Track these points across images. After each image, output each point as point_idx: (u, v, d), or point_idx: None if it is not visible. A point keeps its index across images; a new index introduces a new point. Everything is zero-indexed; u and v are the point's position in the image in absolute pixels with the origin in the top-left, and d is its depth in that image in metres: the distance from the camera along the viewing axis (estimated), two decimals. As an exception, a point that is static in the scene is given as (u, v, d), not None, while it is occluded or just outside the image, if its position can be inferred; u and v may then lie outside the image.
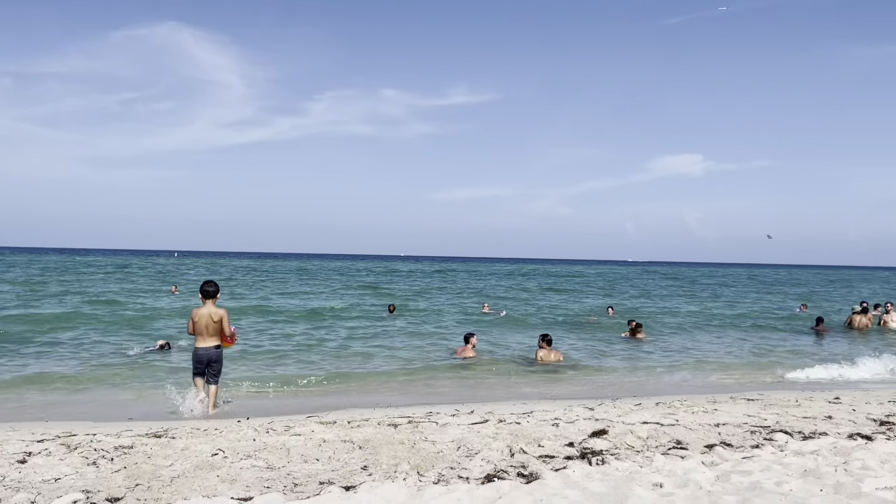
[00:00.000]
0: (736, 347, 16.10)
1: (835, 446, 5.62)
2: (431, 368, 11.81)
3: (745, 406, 7.62)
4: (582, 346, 15.59)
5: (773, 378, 11.76)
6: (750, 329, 20.50)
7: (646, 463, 5.11)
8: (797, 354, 14.92)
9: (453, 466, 5.05)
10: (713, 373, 12.28)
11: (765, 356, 14.54)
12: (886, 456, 5.23)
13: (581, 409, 7.41)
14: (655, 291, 40.90)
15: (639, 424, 6.46)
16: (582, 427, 6.36)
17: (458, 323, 19.87)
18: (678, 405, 7.63)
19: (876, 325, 20.27)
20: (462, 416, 7.13)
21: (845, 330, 20.07)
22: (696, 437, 6.03)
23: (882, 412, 7.23)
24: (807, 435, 6.11)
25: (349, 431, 6.15)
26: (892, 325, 20.11)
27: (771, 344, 16.77)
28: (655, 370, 12.30)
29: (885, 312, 20.76)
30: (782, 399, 8.18)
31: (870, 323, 20.23)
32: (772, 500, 3.98)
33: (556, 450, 5.53)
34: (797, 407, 7.56)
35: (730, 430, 6.31)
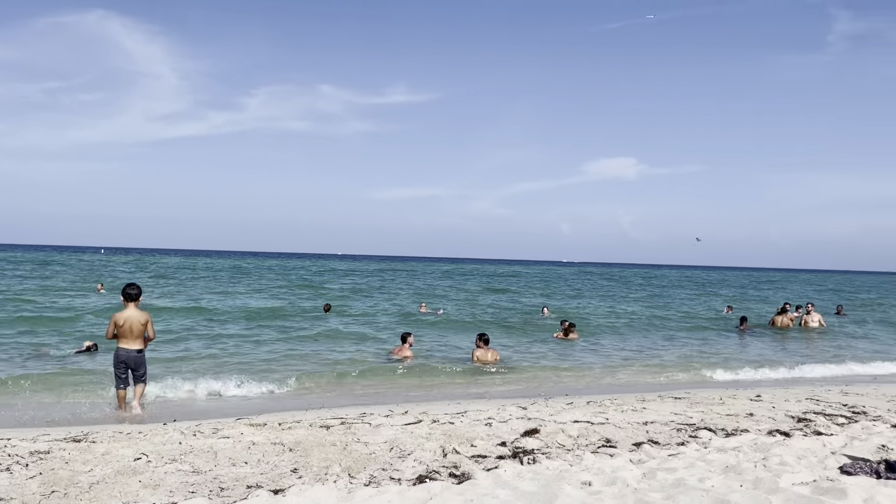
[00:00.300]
0: (666, 347, 16.55)
1: (755, 443, 5.82)
2: (367, 369, 11.73)
3: (673, 404, 7.83)
4: (517, 345, 15.75)
5: (699, 377, 12.14)
6: (680, 329, 21.10)
7: (576, 461, 5.18)
8: (723, 354, 15.43)
9: (385, 468, 5.02)
10: (643, 372, 12.58)
11: (693, 355, 14.98)
12: (803, 452, 5.44)
13: (514, 409, 7.47)
14: (589, 292, 41.71)
15: (570, 423, 6.56)
16: (515, 426, 6.41)
17: (395, 323, 19.81)
18: (609, 404, 7.78)
19: (797, 326, 21.19)
20: (396, 416, 7.09)
21: (768, 329, 20.93)
22: (624, 436, 6.15)
23: (800, 409, 7.54)
24: (729, 432, 6.31)
25: (280, 433, 6.04)
26: (812, 325, 21.06)
27: (699, 343, 17.30)
28: (588, 369, 12.52)
29: (806, 313, 21.72)
30: (707, 397, 8.43)
31: (791, 323, 21.17)
32: (694, 496, 4.09)
33: (488, 449, 5.56)
34: (721, 405, 7.81)
35: (657, 429, 6.47)
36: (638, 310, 28.35)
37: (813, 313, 21.60)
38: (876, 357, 15.65)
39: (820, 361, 14.50)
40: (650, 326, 21.88)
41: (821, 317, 21.66)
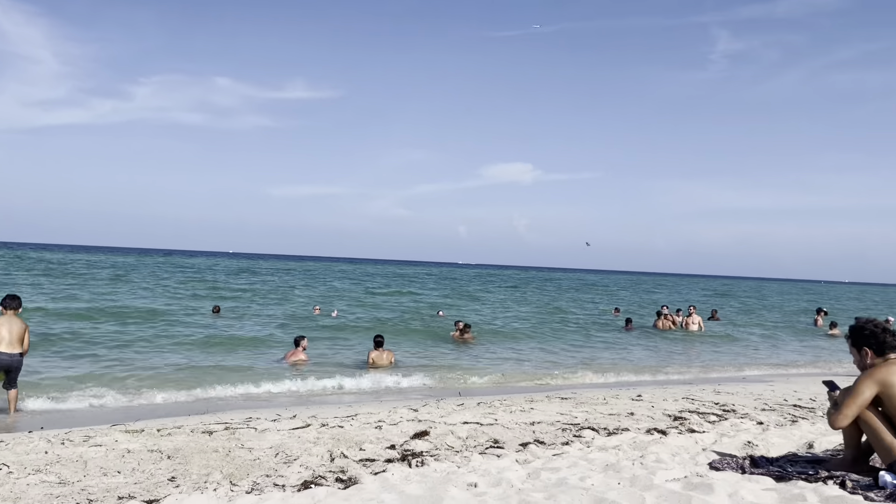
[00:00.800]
0: (557, 348, 17.03)
1: (634, 441, 6.05)
2: (257, 372, 11.42)
3: (559, 405, 8.05)
4: (413, 347, 15.78)
5: (586, 377, 12.56)
6: (570, 331, 21.78)
7: (463, 463, 5.22)
8: (609, 354, 16.04)
9: (269, 474, 4.88)
10: (535, 372, 12.89)
11: (581, 356, 15.49)
12: (677, 449, 5.71)
13: (405, 411, 7.46)
14: (484, 293, 42.37)
15: (460, 425, 6.61)
16: (405, 429, 6.40)
17: (289, 325, 19.39)
18: (498, 405, 7.91)
19: (679, 328, 22.37)
20: (284, 420, 6.93)
21: (651, 331, 21.98)
22: (512, 436, 6.26)
23: (676, 408, 7.92)
24: (611, 431, 6.55)
25: (158, 440, 5.76)
26: (693, 328, 22.28)
27: (587, 344, 17.92)
28: (480, 371, 12.70)
29: (688, 315, 22.96)
30: (592, 397, 8.73)
31: (673, 325, 22.33)
32: (575, 494, 4.21)
33: (377, 453, 5.51)
34: (605, 405, 8.10)
35: (544, 429, 6.62)
36: (531, 311, 29.06)
37: (694, 316, 22.87)
38: (745, 358, 16.73)
39: (697, 362, 15.34)
40: (543, 327, 22.47)
41: (700, 320, 22.96)
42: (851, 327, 4.65)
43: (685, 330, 22.18)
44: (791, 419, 7.41)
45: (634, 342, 19.04)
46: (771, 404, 8.53)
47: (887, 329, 4.52)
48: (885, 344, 4.44)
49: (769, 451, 5.66)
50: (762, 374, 13.86)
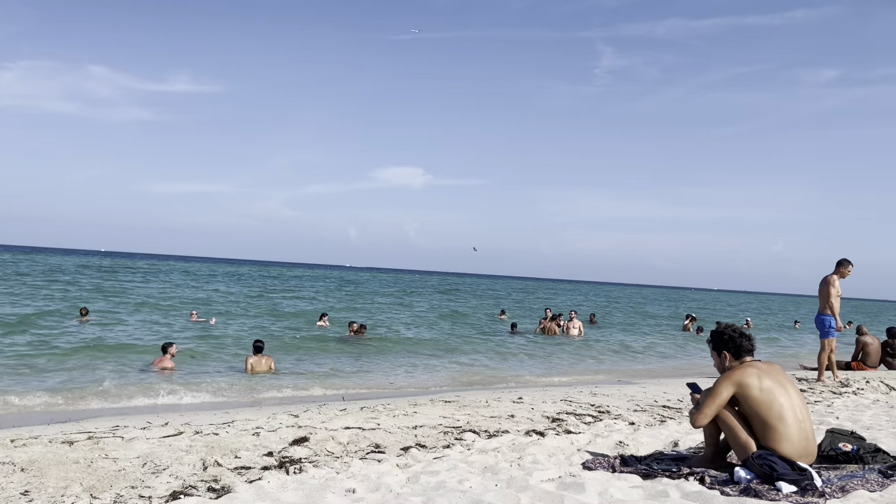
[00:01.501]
0: (445, 349, 17.18)
1: (513, 443, 6.18)
2: (126, 380, 10.81)
3: (442, 408, 8.10)
4: (297, 351, 15.45)
5: (468, 379, 12.73)
6: (458, 334, 22.02)
7: (343, 469, 5.14)
8: (496, 357, 16.34)
9: (135, 485, 4.61)
10: (422, 374, 12.94)
11: (467, 359, 15.69)
12: (554, 450, 5.87)
13: (286, 417, 7.28)
14: (372, 296, 42.19)
15: (341, 430, 6.52)
16: (284, 435, 6.23)
17: (162, 331, 18.48)
18: (382, 409, 7.86)
19: (562, 332, 23.11)
20: (154, 429, 6.58)
21: (536, 335, 22.62)
22: (394, 441, 6.23)
23: (555, 410, 8.16)
24: (491, 433, 6.65)
25: (11, 452, 5.33)
26: (573, 333, 23.08)
27: (473, 347, 18.17)
28: (367, 374, 12.61)
29: (569, 320, 23.76)
30: (475, 400, 8.85)
31: (556, 329, 23.05)
32: (453, 497, 4.24)
33: (253, 460, 5.34)
34: (487, 407, 8.23)
35: (426, 432, 6.64)
36: (420, 313, 29.20)
37: (575, 321, 23.70)
38: (621, 361, 17.51)
39: (577, 365, 15.91)
40: (435, 330, 22.63)
41: (581, 324, 23.83)
42: (712, 332, 4.96)
43: (566, 334, 22.95)
44: (660, 419, 7.79)
45: (519, 345, 19.50)
46: (642, 405, 8.95)
47: (744, 334, 4.84)
48: (741, 348, 4.76)
49: (639, 450, 5.93)
50: (636, 376, 14.52)
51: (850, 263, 11.44)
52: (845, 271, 11.46)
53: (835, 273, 11.49)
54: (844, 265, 11.45)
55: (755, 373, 4.56)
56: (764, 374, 4.56)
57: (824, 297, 11.50)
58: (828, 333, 11.61)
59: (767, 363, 4.78)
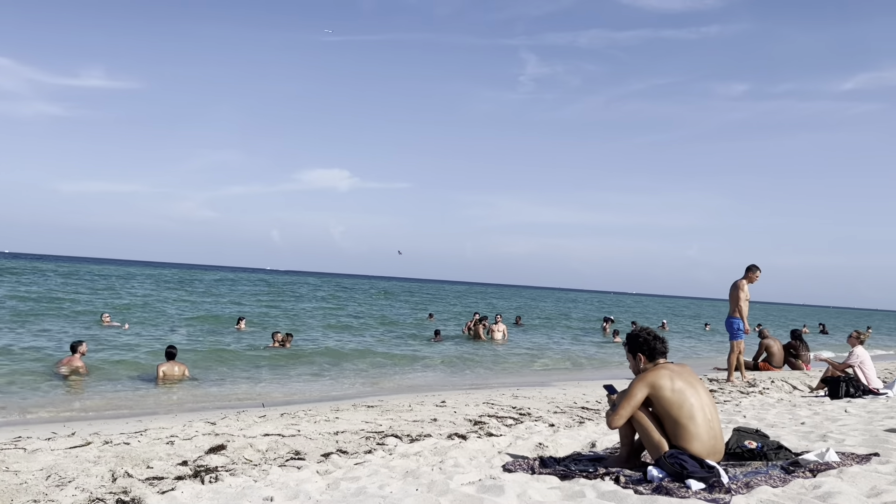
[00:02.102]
0: (369, 354, 17.05)
1: (435, 447, 6.18)
2: (29, 385, 10.27)
3: (365, 413, 8.04)
4: (215, 357, 15.04)
5: (393, 384, 12.69)
6: (383, 339, 21.92)
7: (261, 477, 5.03)
8: (419, 360, 16.34)
9: (38, 499, 4.38)
10: (343, 379, 12.81)
11: (392, 364, 15.63)
12: (475, 453, 5.92)
13: (202, 424, 7.07)
14: (295, 300, 41.52)
15: (260, 437, 6.37)
16: (200, 443, 6.05)
17: (70, 336, 17.64)
18: (302, 415, 7.74)
19: (487, 336, 23.31)
20: (60, 439, 6.28)
21: (462, 338, 22.78)
22: (314, 447, 6.14)
23: (477, 413, 8.23)
24: (414, 437, 6.64)
25: None
26: (497, 337, 23.31)
27: (399, 352, 18.11)
28: (289, 380, 12.39)
29: (494, 323, 23.98)
30: (398, 404, 8.82)
31: (482, 333, 23.23)
32: (373, 503, 4.21)
33: (166, 470, 5.15)
34: (410, 411, 8.22)
35: (347, 438, 6.57)
36: (345, 317, 28.91)
37: (500, 324, 23.95)
38: (542, 362, 17.81)
39: (500, 368, 16.09)
40: (361, 335, 22.46)
41: (505, 328, 24.10)
42: (627, 335, 5.11)
43: (491, 337, 23.17)
44: (579, 420, 7.97)
45: (443, 349, 19.57)
46: (562, 407, 9.13)
47: (658, 337, 5.00)
48: (655, 350, 4.91)
49: (558, 451, 6.04)
50: (557, 378, 14.79)
51: (757, 269, 12.00)
52: (753, 276, 12.02)
53: (744, 278, 12.03)
54: (753, 270, 12.01)
55: (668, 374, 4.71)
56: (676, 376, 4.72)
57: (734, 300, 12.02)
58: (737, 335, 12.14)
59: (679, 365, 4.96)
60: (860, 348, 10.72)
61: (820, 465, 4.63)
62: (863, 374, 10.29)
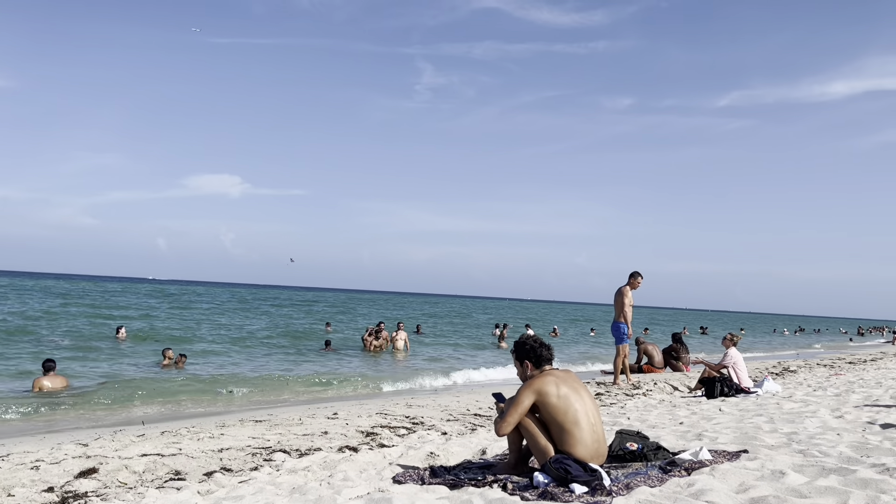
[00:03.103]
0: (262, 367, 16.55)
1: (325, 460, 6.05)
2: None
3: (252, 428, 7.78)
4: (95, 371, 14.18)
5: (284, 397, 12.37)
6: (274, 348, 21.36)
7: (136, 500, 4.75)
8: (313, 371, 16.01)
9: None
10: (235, 395, 12.34)
11: (283, 374, 15.23)
12: (366, 465, 5.82)
13: (73, 446, 6.61)
14: (193, 312, 39.86)
15: (137, 458, 6.03)
16: (69, 467, 5.65)
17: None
18: (185, 432, 7.39)
19: (388, 346, 23.11)
20: None
21: (362, 348, 22.54)
22: (196, 466, 5.87)
23: (370, 424, 8.13)
24: (303, 452, 6.48)
25: None
26: (399, 345, 23.17)
27: (291, 362, 17.69)
28: (174, 395, 11.83)
29: (396, 331, 23.78)
30: (288, 418, 8.59)
31: (384, 344, 23.01)
32: (256, 523, 4.05)
33: (30, 498, 4.78)
34: (300, 425, 8.02)
35: (232, 455, 6.32)
36: (237, 329, 27.99)
37: (401, 332, 23.79)
38: (438, 369, 17.89)
39: (397, 376, 16.01)
40: (251, 346, 21.79)
41: (406, 336, 23.97)
42: (515, 343, 5.18)
43: (393, 346, 23.01)
44: (471, 428, 8.02)
45: (340, 358, 19.29)
46: (455, 415, 9.17)
47: (544, 344, 5.10)
48: (541, 357, 5.01)
49: (449, 460, 6.04)
50: (453, 385, 14.91)
51: (640, 275, 12.54)
52: (636, 282, 12.55)
53: (627, 284, 12.53)
54: (635, 277, 12.54)
55: (553, 380, 4.81)
56: (561, 382, 4.82)
57: (619, 306, 12.50)
58: (622, 339, 12.62)
59: (565, 371, 5.07)
60: (733, 350, 11.38)
61: (694, 463, 4.85)
62: (735, 374, 10.93)
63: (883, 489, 4.08)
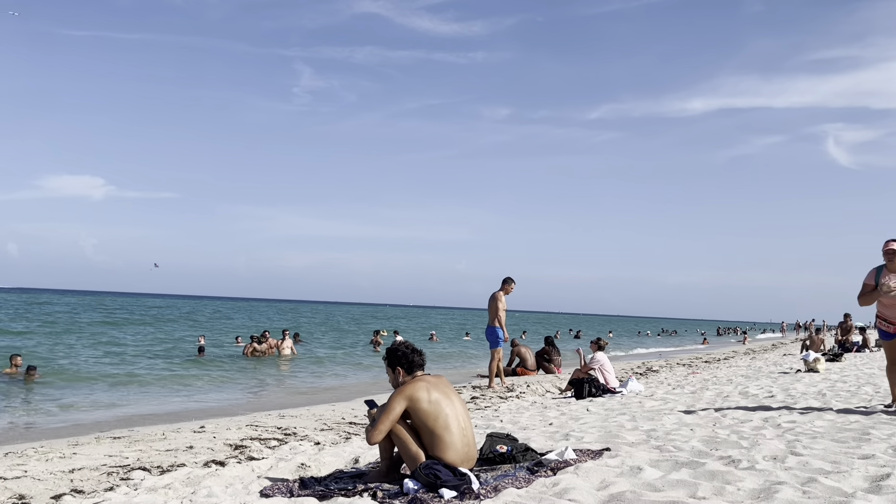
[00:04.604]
0: (122, 377, 15.60)
1: (188, 477, 5.76)
2: None
3: (110, 445, 7.30)
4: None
5: (148, 411, 11.71)
6: (145, 358, 20.22)
7: (-30, 531, 4.32)
8: (187, 386, 15.26)
9: None
10: (94, 412, 11.54)
11: (150, 390, 14.43)
12: (232, 479, 5.59)
13: None
14: (25, 322, 37.00)
15: (-27, 483, 5.50)
16: None
17: None
18: (32, 453, 6.82)
19: (273, 353, 22.44)
20: None
21: (243, 357, 21.80)
22: (43, 489, 5.43)
23: (239, 437, 7.84)
24: (165, 469, 6.15)
25: None
26: (286, 352, 22.58)
27: (158, 375, 16.78)
28: (18, 411, 10.91)
29: (281, 339, 23.15)
30: (150, 434, 8.13)
31: (268, 351, 22.32)
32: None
33: None
34: (163, 440, 7.61)
35: (85, 475, 5.91)
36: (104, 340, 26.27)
37: (287, 339, 23.26)
38: (316, 378, 17.56)
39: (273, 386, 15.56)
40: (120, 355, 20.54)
41: (292, 343, 23.46)
42: (387, 349, 5.16)
43: (279, 354, 22.40)
44: (345, 437, 7.92)
45: (215, 368, 18.50)
46: (330, 424, 9.02)
47: (416, 350, 5.11)
48: (413, 363, 5.01)
49: (321, 470, 5.91)
50: (328, 394, 14.65)
51: (513, 281, 12.88)
52: (509, 288, 12.88)
53: (501, 290, 12.84)
54: (508, 283, 12.87)
55: (424, 386, 4.82)
56: (432, 387, 4.84)
57: (493, 311, 12.78)
58: (497, 343, 12.90)
59: (436, 376, 5.10)
60: (600, 353, 11.91)
61: (560, 463, 5.01)
62: (602, 376, 11.43)
63: (728, 480, 4.37)
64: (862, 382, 11.41)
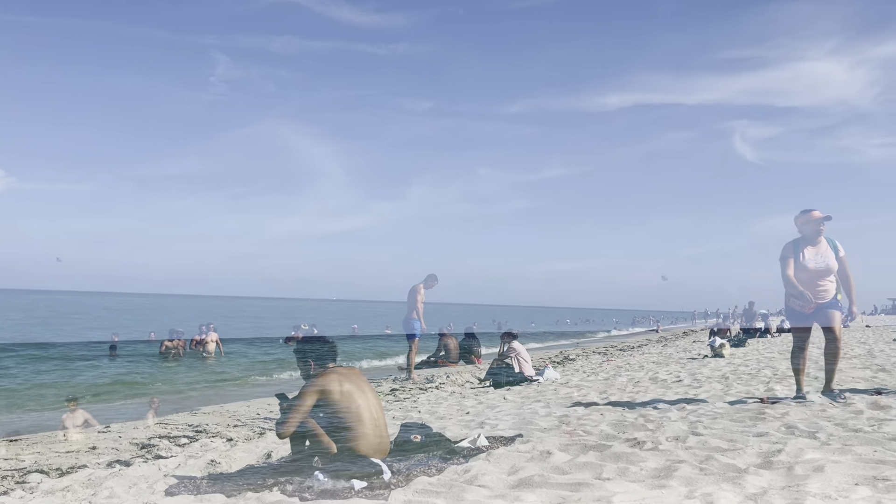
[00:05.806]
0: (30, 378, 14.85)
1: (90, 478, 5.52)
2: None
3: (6, 448, 6.93)
4: None
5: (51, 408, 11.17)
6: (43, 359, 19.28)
7: None
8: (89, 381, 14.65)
9: None
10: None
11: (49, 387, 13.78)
12: (137, 479, 5.38)
13: None
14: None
15: None
16: None
17: None
18: (-84, 460, 6.39)
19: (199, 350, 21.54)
20: None
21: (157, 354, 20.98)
22: (-73, 497, 5.09)
23: (146, 435, 7.58)
24: (64, 471, 5.88)
25: None
26: (210, 349, 21.59)
27: (67, 371, 16.05)
28: None
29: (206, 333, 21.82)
30: (51, 435, 7.77)
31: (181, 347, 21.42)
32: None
33: None
34: (64, 442, 7.28)
35: (-24, 481, 5.57)
36: None
37: (212, 334, 22.01)
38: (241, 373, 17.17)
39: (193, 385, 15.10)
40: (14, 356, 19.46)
41: (217, 337, 22.08)
42: (297, 342, 5.09)
43: (204, 349, 21.47)
44: (259, 432, 7.76)
45: (123, 366, 17.81)
46: (244, 420, 8.84)
47: (328, 342, 5.06)
48: (324, 355, 4.96)
49: (231, 466, 5.78)
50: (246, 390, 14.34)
51: (436, 279, 12.99)
52: (432, 284, 12.97)
53: (422, 283, 12.88)
54: (432, 280, 12.96)
55: (336, 378, 4.78)
56: (344, 379, 4.80)
57: (412, 303, 12.80)
58: (414, 336, 12.94)
59: (348, 368, 5.06)
60: (516, 342, 12.11)
61: (472, 450, 5.06)
62: (518, 365, 11.63)
63: (632, 461, 4.52)
64: (762, 366, 12.01)
